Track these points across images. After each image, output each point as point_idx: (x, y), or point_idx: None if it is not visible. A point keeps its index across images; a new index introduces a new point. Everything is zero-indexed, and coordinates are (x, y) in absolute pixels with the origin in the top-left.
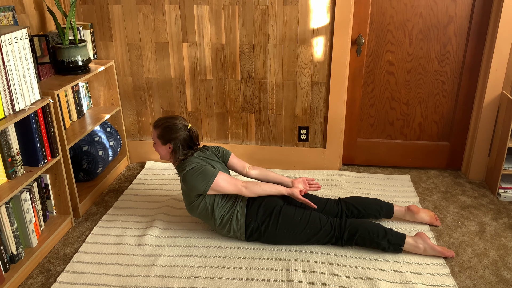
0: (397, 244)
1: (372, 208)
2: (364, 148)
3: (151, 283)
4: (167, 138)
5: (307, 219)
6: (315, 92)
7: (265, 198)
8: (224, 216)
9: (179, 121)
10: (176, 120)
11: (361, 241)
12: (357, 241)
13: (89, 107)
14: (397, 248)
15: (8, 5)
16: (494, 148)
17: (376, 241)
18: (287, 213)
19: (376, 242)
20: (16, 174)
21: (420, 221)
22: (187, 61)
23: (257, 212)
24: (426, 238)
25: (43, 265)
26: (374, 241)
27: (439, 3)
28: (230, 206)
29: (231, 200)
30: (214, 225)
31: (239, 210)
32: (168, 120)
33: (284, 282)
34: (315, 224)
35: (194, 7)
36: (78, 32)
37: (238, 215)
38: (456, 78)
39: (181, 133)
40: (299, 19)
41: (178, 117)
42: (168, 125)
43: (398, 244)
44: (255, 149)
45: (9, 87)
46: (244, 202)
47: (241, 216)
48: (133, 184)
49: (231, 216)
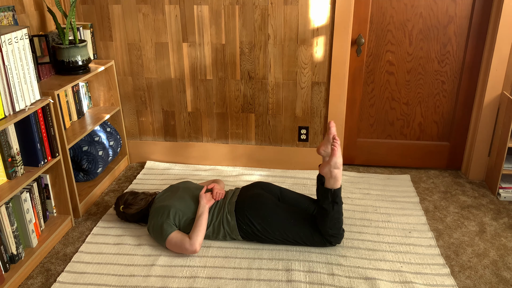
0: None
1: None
2: (364, 148)
3: (151, 283)
4: (124, 219)
5: (297, 221)
6: (315, 92)
7: (252, 200)
8: (214, 222)
9: (117, 210)
10: (117, 210)
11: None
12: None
13: (89, 107)
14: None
15: (8, 5)
16: (494, 148)
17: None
18: (280, 216)
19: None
20: (16, 174)
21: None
22: (187, 61)
23: (245, 212)
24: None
25: (43, 265)
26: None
27: (439, 3)
28: (218, 211)
29: (217, 206)
30: (208, 235)
31: (228, 212)
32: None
33: (284, 282)
34: (307, 227)
35: (194, 7)
36: (78, 32)
37: (228, 217)
38: (456, 78)
39: (121, 216)
40: (299, 19)
41: (115, 205)
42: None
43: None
44: (255, 149)
45: (9, 87)
46: (231, 204)
47: (231, 217)
48: (133, 184)
49: (221, 219)
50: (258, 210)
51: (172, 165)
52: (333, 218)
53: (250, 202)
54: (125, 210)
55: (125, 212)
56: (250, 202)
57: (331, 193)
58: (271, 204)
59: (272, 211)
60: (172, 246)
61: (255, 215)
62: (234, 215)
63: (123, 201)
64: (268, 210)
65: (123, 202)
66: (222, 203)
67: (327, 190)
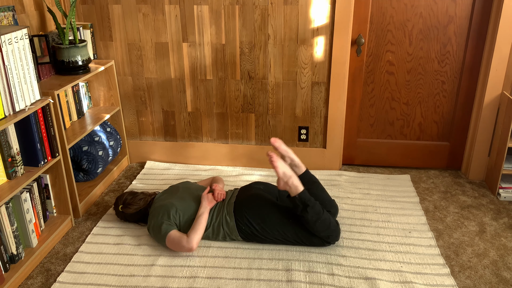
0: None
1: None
2: (364, 148)
3: (151, 283)
4: (123, 218)
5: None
6: (315, 92)
7: (250, 201)
8: (214, 223)
9: (116, 210)
10: (116, 210)
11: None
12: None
13: (89, 107)
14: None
15: (8, 5)
16: (494, 148)
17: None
18: (278, 216)
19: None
20: (16, 174)
21: (288, 159)
22: (187, 61)
23: (244, 213)
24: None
25: (43, 265)
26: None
27: (439, 3)
28: (217, 212)
29: (216, 208)
30: (208, 235)
31: (227, 213)
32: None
33: (284, 282)
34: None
35: (194, 7)
36: (78, 32)
37: (227, 218)
38: (456, 78)
39: (120, 216)
40: (299, 19)
41: (115, 205)
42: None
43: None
44: (255, 149)
45: (9, 87)
46: (230, 205)
47: (230, 218)
48: (133, 184)
49: (221, 220)
50: (256, 211)
51: (172, 165)
52: (315, 222)
53: (249, 203)
54: (124, 210)
55: (124, 212)
56: (248, 203)
57: (298, 199)
58: (270, 205)
59: (271, 212)
60: (170, 244)
61: (254, 216)
62: (233, 216)
63: (122, 201)
64: (266, 211)
65: (122, 202)
66: (221, 205)
67: (293, 198)
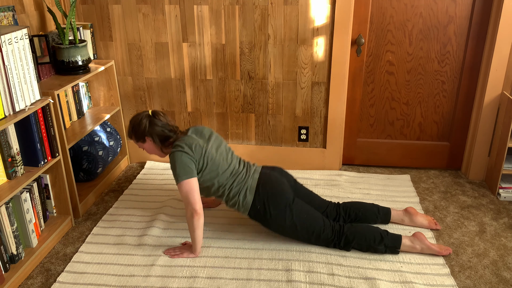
0: (393, 247)
1: (369, 212)
2: (364, 148)
3: (151, 283)
4: (140, 135)
5: (312, 218)
6: (315, 92)
7: (275, 185)
8: (232, 188)
9: (139, 115)
10: (136, 117)
11: (358, 247)
12: (354, 247)
13: (89, 107)
14: (394, 251)
15: (8, 5)
16: (494, 148)
17: (373, 247)
18: (297, 208)
19: (373, 247)
20: (16, 174)
21: (419, 225)
22: (187, 61)
23: (267, 196)
24: (423, 238)
25: (43, 265)
26: (371, 247)
27: (439, 3)
28: (240, 180)
29: (239, 175)
30: (219, 194)
31: (249, 187)
32: (131, 122)
33: (284, 282)
34: (319, 225)
35: (194, 7)
36: (78, 32)
37: (247, 192)
38: (456, 78)
39: (144, 121)
40: (299, 19)
41: (138, 113)
42: (133, 125)
43: (395, 247)
44: (255, 149)
45: (9, 87)
46: (254, 180)
47: (250, 194)
48: (133, 184)
49: (240, 190)
50: (277, 198)
51: None
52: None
53: (273, 188)
54: (153, 117)
55: (150, 123)
56: (272, 188)
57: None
58: (291, 197)
59: (290, 204)
60: (182, 191)
61: (274, 202)
62: (253, 192)
63: (151, 111)
64: (287, 202)
65: (151, 111)
66: (245, 175)
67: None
